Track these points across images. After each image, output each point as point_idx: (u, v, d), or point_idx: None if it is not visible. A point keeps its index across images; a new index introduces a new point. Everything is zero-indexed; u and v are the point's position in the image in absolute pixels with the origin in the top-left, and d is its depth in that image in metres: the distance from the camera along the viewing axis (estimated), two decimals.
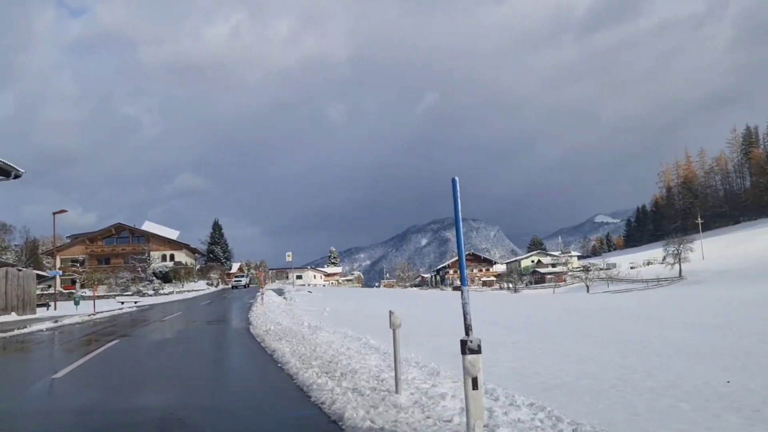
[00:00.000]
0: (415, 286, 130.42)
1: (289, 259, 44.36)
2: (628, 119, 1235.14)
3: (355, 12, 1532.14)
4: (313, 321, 16.49)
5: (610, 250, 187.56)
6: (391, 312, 6.54)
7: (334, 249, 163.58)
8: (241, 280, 75.35)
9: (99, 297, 45.08)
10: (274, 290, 44.87)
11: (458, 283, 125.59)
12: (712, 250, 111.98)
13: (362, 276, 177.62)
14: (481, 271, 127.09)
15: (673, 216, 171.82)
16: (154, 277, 65.53)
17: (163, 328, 19.19)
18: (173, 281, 67.86)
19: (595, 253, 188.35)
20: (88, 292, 51.82)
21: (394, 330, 6.46)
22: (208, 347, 13.09)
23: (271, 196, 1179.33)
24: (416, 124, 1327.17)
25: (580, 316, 31.83)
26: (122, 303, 39.39)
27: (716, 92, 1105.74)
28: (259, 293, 37.53)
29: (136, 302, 40.96)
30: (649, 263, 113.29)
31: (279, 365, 8.91)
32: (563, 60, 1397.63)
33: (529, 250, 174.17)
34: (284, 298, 32.29)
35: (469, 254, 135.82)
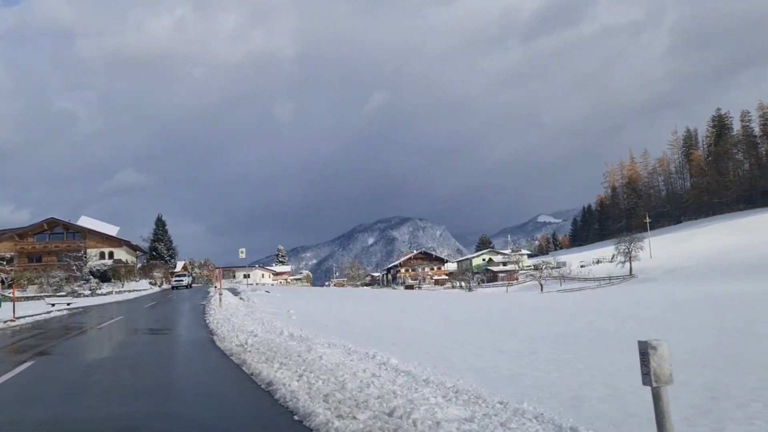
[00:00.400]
0: (366, 285, 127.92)
1: (243, 256, 40.99)
2: (571, 122, 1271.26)
3: (304, 9, 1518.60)
4: (291, 328, 13.74)
5: (556, 249, 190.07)
6: (650, 346, 3.38)
7: (282, 247, 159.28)
8: (182, 280, 66.80)
9: (26, 298, 40.60)
10: (227, 290, 41.49)
11: (410, 281, 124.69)
12: (658, 248, 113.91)
13: (311, 275, 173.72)
14: (432, 269, 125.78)
15: (617, 215, 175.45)
16: (92, 277, 60.69)
17: (98, 340, 15.48)
18: (112, 280, 63.05)
19: (542, 251, 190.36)
20: (18, 293, 46.82)
21: (657, 388, 3.38)
22: (165, 376, 9.11)
23: (216, 194, 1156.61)
24: (365, 122, 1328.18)
25: (557, 315, 30.00)
26: (52, 305, 35.08)
27: (654, 97, 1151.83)
28: (213, 293, 34.11)
29: (69, 304, 36.77)
30: (598, 262, 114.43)
31: (303, 424, 5.28)
32: (509, 62, 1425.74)
33: (478, 248, 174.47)
34: (241, 298, 29.18)
35: (420, 253, 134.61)
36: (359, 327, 19.25)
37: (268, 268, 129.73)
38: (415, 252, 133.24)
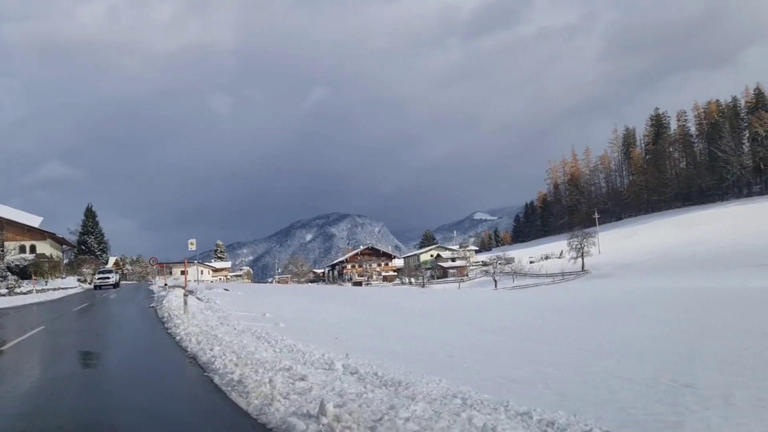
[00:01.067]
0: (312, 281, 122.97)
1: (193, 247, 35.98)
2: (507, 122, 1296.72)
3: (243, 1, 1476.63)
4: (316, 348, 9.37)
5: (498, 245, 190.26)
6: None
7: (221, 242, 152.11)
8: (108, 278, 54.85)
9: None
10: (176, 288, 36.36)
11: (357, 278, 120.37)
12: (604, 244, 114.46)
13: (251, 271, 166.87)
14: (380, 265, 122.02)
15: (560, 212, 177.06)
16: (9, 273, 53.56)
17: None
18: (34, 277, 55.98)
19: (484, 248, 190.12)
20: None
21: None
22: None
23: (150, 188, 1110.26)
24: (305, 118, 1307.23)
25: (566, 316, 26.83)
26: None
27: (587, 99, 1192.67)
28: (162, 292, 29.10)
29: None
30: (546, 257, 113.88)
31: None
32: (448, 61, 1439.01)
33: (422, 245, 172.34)
34: (199, 299, 24.35)
35: (367, 248, 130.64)
36: (385, 340, 15.20)
37: (208, 264, 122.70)
38: (362, 247, 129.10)
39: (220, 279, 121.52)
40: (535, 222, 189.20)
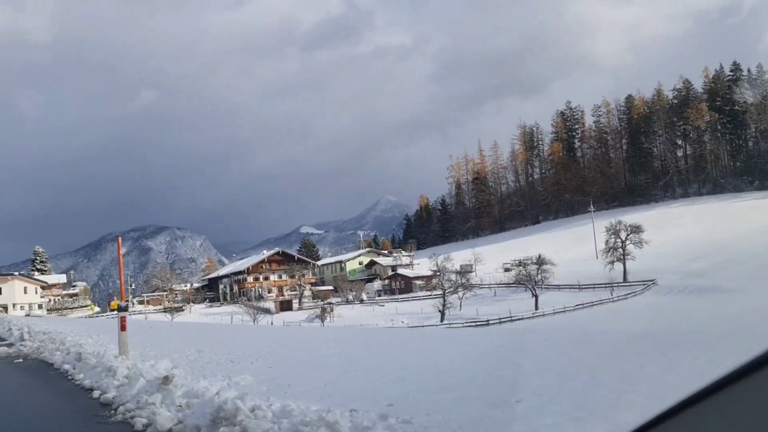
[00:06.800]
0: (210, 302, 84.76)
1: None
2: (337, 136, 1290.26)
3: None
4: None
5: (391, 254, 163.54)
6: None
7: (41, 249, 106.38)
8: None
9: None
10: None
11: (281, 296, 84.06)
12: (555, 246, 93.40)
13: (89, 288, 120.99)
14: (293, 277, 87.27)
15: (464, 214, 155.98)
16: None
17: None
18: None
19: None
20: None
21: None
22: None
23: None
24: (126, 122, 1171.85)
25: None
26: None
27: (415, 117, 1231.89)
28: None
29: None
30: (520, 263, 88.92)
31: None
32: (285, 72, 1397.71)
33: (302, 251, 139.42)
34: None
35: (276, 253, 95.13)
36: None
37: (35, 278, 79.03)
38: (267, 253, 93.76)
39: (52, 300, 78.77)
40: (431, 227, 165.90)
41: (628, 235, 66.42)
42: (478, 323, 47.51)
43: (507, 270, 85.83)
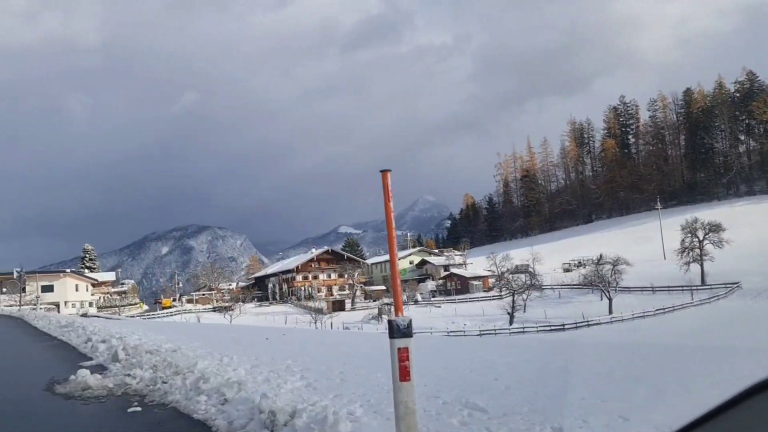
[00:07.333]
0: (257, 300, 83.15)
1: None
2: (377, 135, 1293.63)
3: None
4: None
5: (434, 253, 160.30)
6: None
7: (90, 246, 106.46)
8: None
9: None
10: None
11: (332, 296, 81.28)
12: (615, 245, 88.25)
13: (136, 286, 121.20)
14: (343, 276, 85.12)
15: (512, 213, 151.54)
16: None
17: None
18: None
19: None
20: None
21: None
22: None
23: None
24: (170, 124, 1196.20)
25: None
26: None
27: (457, 116, 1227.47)
28: None
29: None
30: (580, 263, 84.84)
31: None
32: (325, 72, 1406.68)
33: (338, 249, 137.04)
34: None
35: (325, 252, 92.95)
36: None
37: (86, 276, 78.52)
38: (315, 251, 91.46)
39: (102, 297, 78.11)
40: (477, 226, 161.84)
41: (706, 234, 61.65)
42: (552, 327, 44.04)
43: (567, 270, 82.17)
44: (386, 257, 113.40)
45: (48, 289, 65.55)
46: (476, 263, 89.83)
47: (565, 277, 78.81)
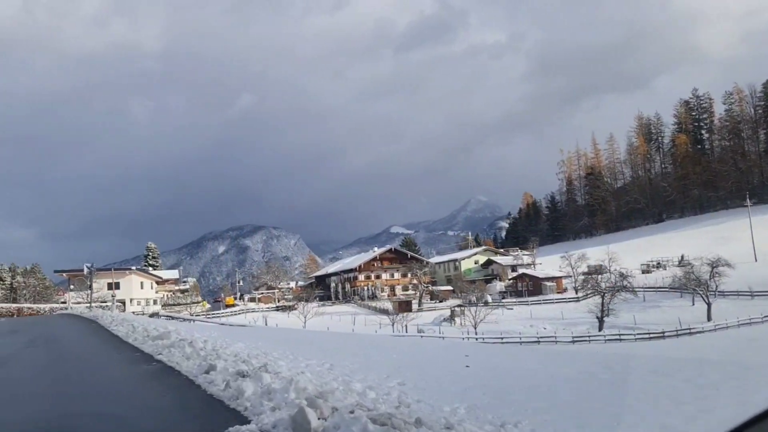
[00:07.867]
0: (319, 299, 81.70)
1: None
2: (430, 136, 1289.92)
3: (173, 2, 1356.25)
4: None
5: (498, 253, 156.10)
6: None
7: (153, 245, 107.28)
8: None
9: None
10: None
11: (397, 296, 78.92)
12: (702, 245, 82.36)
13: (197, 284, 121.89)
14: (406, 276, 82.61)
15: (576, 212, 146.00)
16: None
17: None
18: None
19: None
20: None
21: None
22: None
23: (53, 195, 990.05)
24: (227, 126, 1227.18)
25: None
26: None
27: (510, 116, 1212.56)
28: None
29: None
30: (659, 265, 79.84)
31: None
32: (378, 73, 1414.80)
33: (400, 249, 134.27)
34: None
35: (388, 251, 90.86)
36: None
37: (151, 273, 78.62)
38: (378, 250, 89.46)
39: (166, 295, 77.80)
40: (538, 225, 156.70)
41: None
42: (651, 335, 40.31)
43: (645, 272, 77.38)
44: (449, 256, 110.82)
45: (115, 286, 65.53)
46: (545, 263, 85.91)
47: (646, 279, 74.11)
